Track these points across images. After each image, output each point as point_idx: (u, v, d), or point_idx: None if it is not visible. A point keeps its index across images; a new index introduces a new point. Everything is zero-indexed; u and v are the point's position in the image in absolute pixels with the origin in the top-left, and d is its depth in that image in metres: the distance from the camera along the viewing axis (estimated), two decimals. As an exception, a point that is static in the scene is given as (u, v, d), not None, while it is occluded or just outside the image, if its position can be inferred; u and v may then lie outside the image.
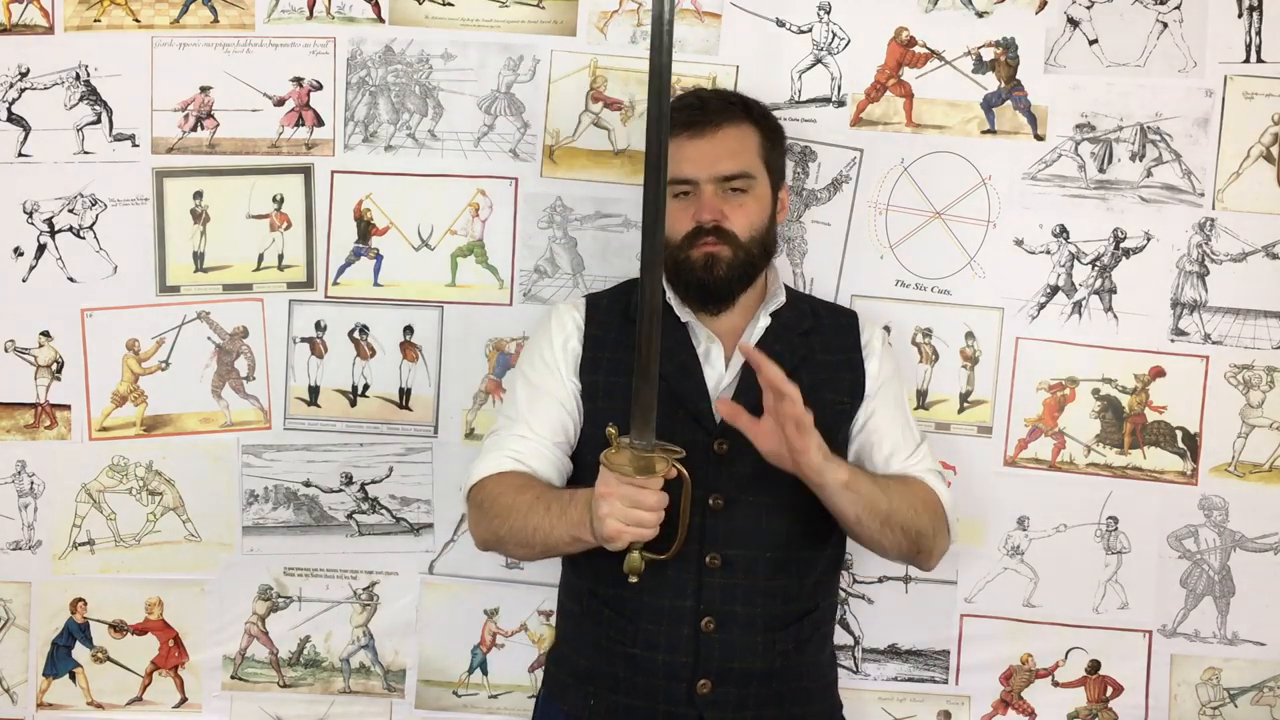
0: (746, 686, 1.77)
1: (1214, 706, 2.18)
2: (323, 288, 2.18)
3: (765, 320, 1.87)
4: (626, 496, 1.57)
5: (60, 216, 2.15)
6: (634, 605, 1.77)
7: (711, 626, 1.75)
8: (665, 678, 1.76)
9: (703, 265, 1.81)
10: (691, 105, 1.85)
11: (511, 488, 1.77)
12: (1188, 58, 2.11)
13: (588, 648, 1.84)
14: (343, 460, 2.20)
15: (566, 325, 1.88)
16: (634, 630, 1.78)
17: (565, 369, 1.85)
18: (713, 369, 1.84)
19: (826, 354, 1.88)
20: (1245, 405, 2.14)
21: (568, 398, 1.84)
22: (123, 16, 2.14)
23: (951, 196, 2.14)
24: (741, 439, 1.73)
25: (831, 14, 2.13)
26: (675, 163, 1.77)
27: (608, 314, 1.88)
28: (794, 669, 1.81)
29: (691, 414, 1.79)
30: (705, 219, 1.80)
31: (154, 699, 2.24)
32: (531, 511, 1.72)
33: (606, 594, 1.81)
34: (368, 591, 2.23)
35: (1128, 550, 2.16)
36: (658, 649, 1.76)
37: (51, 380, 2.17)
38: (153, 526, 2.20)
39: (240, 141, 2.16)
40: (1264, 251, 2.12)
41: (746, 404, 1.75)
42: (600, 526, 1.58)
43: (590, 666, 1.83)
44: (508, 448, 1.81)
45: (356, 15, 2.15)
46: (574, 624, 1.89)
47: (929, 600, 2.19)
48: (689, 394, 1.80)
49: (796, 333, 1.88)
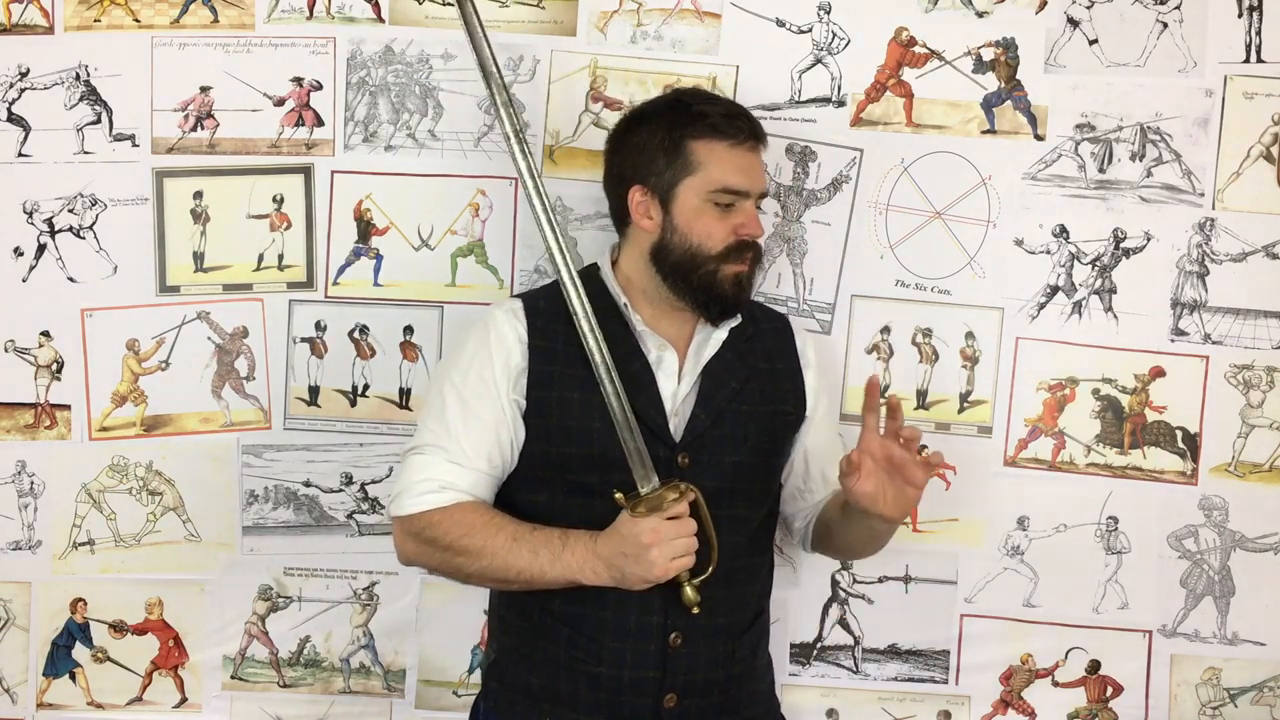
0: (708, 696, 1.77)
1: (1214, 706, 2.18)
2: (323, 288, 2.18)
3: (723, 333, 1.81)
4: (668, 534, 1.64)
5: (60, 216, 2.15)
6: (595, 622, 1.74)
7: (679, 641, 1.73)
8: (631, 694, 1.74)
9: (733, 283, 1.78)
10: (736, 115, 1.80)
11: (478, 527, 1.71)
12: (1188, 58, 2.11)
13: (540, 664, 1.78)
14: (343, 460, 2.20)
15: (507, 338, 1.77)
16: (597, 648, 1.74)
17: (505, 388, 1.75)
18: (667, 379, 1.78)
19: (768, 363, 1.87)
20: (1245, 405, 2.14)
21: (504, 424, 1.75)
22: (123, 16, 2.14)
23: (951, 196, 2.14)
24: (703, 453, 1.76)
25: (831, 14, 2.13)
26: (728, 170, 1.76)
27: (549, 319, 1.78)
28: (747, 674, 1.83)
29: (649, 429, 1.74)
30: (757, 233, 1.79)
31: (154, 699, 2.24)
32: (512, 554, 1.69)
33: (564, 611, 1.75)
34: (368, 591, 2.23)
35: (1128, 550, 2.16)
36: (623, 666, 1.73)
37: (51, 380, 2.17)
38: (153, 526, 2.20)
39: (240, 141, 2.16)
40: (1264, 251, 2.12)
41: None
42: (649, 571, 1.64)
43: (544, 684, 1.78)
44: (444, 477, 1.73)
45: (356, 15, 2.15)
46: (521, 639, 1.82)
47: (929, 600, 2.19)
48: (645, 409, 1.74)
49: (742, 340, 1.85)
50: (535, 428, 1.76)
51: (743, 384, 1.81)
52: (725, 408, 1.79)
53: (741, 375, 1.82)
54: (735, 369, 1.82)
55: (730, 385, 1.80)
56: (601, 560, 1.68)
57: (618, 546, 1.66)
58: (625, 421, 1.69)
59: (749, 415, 1.80)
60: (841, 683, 2.15)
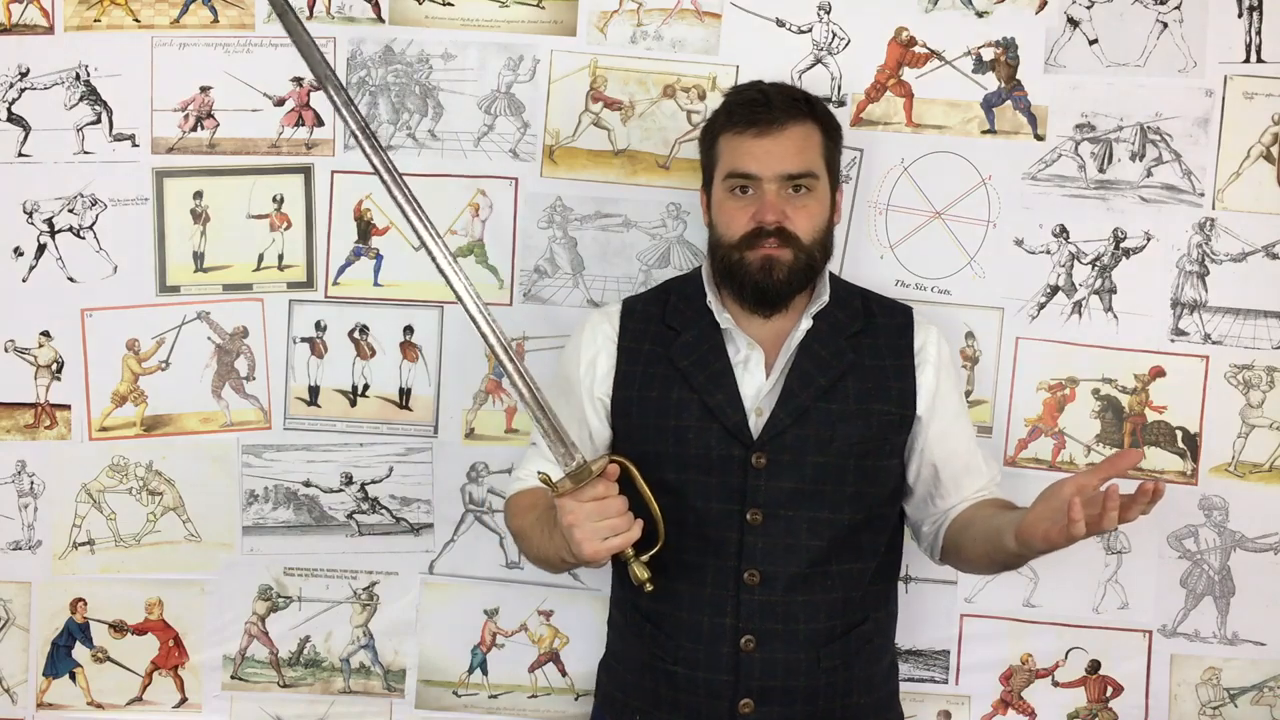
0: (791, 705, 1.72)
1: (1214, 706, 2.18)
2: (323, 288, 2.18)
3: (807, 324, 1.78)
4: (588, 514, 1.58)
5: (60, 216, 2.15)
6: (674, 622, 1.74)
7: (751, 644, 1.70)
8: (707, 696, 1.72)
9: (760, 268, 1.73)
10: (755, 101, 1.77)
11: (520, 509, 1.81)
12: (1188, 58, 2.11)
13: (633, 662, 1.82)
14: (343, 460, 2.20)
15: (598, 339, 1.83)
16: (674, 647, 1.74)
17: (591, 387, 1.81)
18: (751, 377, 1.77)
19: (876, 359, 1.79)
20: (1245, 405, 2.14)
21: (588, 420, 1.82)
22: (123, 16, 2.14)
23: (951, 196, 2.14)
24: (781, 452, 1.72)
25: (831, 14, 2.13)
26: (736, 157, 1.75)
27: (642, 321, 1.82)
28: (841, 685, 1.75)
29: (726, 428, 1.73)
30: (769, 219, 1.72)
31: (154, 699, 2.24)
32: (533, 532, 1.75)
33: (648, 609, 1.77)
34: (368, 591, 2.23)
35: (1128, 550, 2.16)
36: (698, 667, 1.72)
37: (51, 380, 2.17)
38: (153, 526, 2.20)
39: (240, 141, 2.16)
40: (1264, 251, 2.12)
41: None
42: (580, 551, 1.58)
43: (635, 681, 1.81)
44: (528, 467, 1.85)
45: (356, 15, 2.15)
46: (620, 637, 1.87)
47: (929, 600, 2.19)
48: (722, 407, 1.73)
49: (844, 336, 1.79)
50: (620, 427, 1.80)
51: (834, 382, 1.75)
52: (811, 406, 1.73)
53: (835, 373, 1.75)
54: (829, 366, 1.76)
55: (818, 383, 1.74)
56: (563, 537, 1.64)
57: (557, 529, 1.63)
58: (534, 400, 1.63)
59: (839, 415, 1.74)
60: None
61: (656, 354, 1.78)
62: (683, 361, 1.77)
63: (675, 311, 1.83)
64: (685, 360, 1.77)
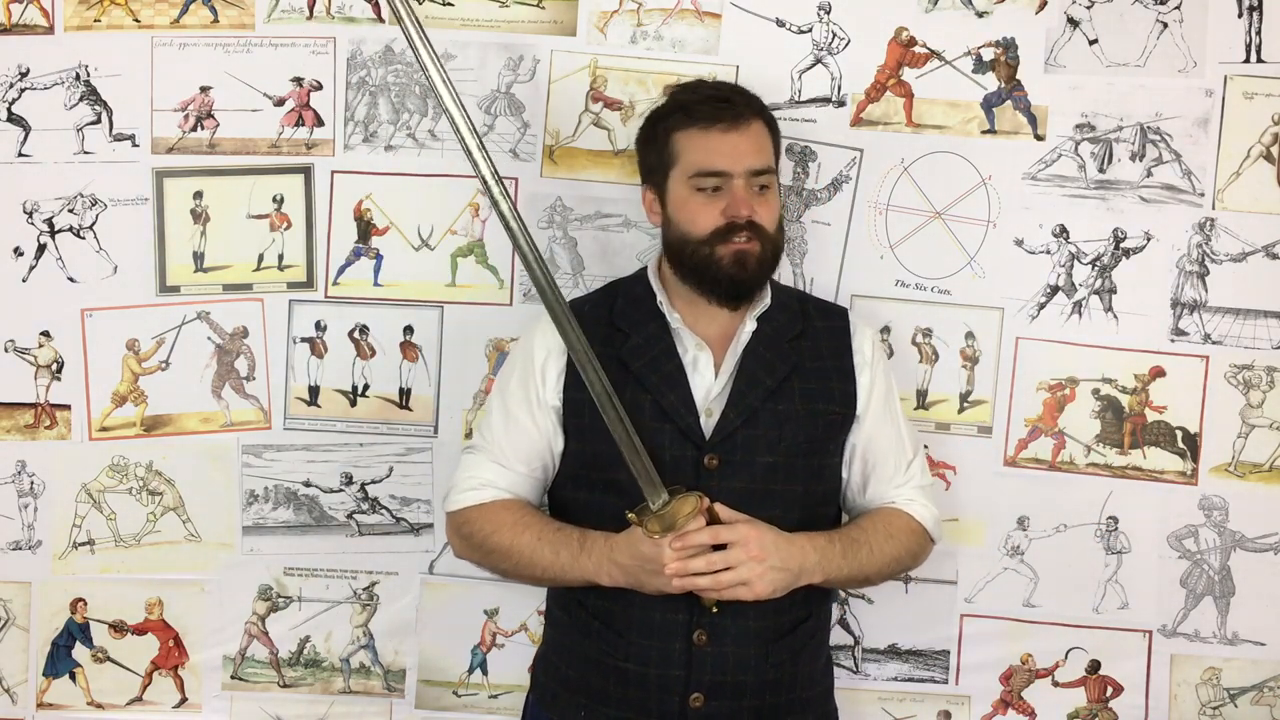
0: (740, 699, 1.76)
1: (1214, 706, 2.18)
2: (323, 288, 2.18)
3: (751, 325, 1.82)
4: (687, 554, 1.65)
5: (60, 216, 2.15)
6: (624, 619, 1.76)
7: (704, 639, 1.74)
8: (658, 691, 1.75)
9: (733, 262, 1.75)
10: (717, 98, 1.81)
11: (506, 525, 1.79)
12: (1188, 58, 2.11)
13: (576, 658, 1.83)
14: (343, 460, 2.20)
15: (549, 341, 1.83)
16: (625, 644, 1.76)
17: (543, 393, 1.82)
18: (701, 378, 1.80)
19: (817, 360, 1.85)
20: (1245, 405, 2.14)
21: (544, 427, 1.83)
22: (123, 16, 2.14)
23: (951, 196, 2.14)
24: (733, 452, 1.75)
25: (831, 14, 2.13)
26: (704, 154, 1.77)
27: (591, 323, 1.81)
28: (788, 680, 1.80)
29: (679, 428, 1.76)
30: (742, 214, 1.75)
31: (154, 699, 2.24)
32: (536, 554, 1.76)
33: (596, 606, 1.79)
34: (368, 591, 2.23)
35: (1128, 550, 2.16)
36: (649, 663, 1.75)
37: (51, 380, 2.17)
38: (153, 526, 2.20)
39: (240, 141, 2.16)
40: (1264, 251, 2.12)
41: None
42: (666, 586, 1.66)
43: (580, 677, 1.82)
44: (486, 476, 1.84)
45: (356, 15, 2.15)
46: (563, 632, 1.88)
47: (929, 600, 2.19)
48: (675, 408, 1.77)
49: (786, 339, 1.84)
50: (572, 428, 1.81)
51: (780, 382, 1.79)
52: (759, 407, 1.77)
53: (780, 373, 1.79)
54: (774, 367, 1.80)
55: (765, 384, 1.78)
56: (619, 568, 1.70)
57: (637, 561, 1.68)
58: (629, 442, 1.68)
59: (785, 415, 1.78)
60: (841, 682, 2.14)
61: (607, 355, 1.77)
62: (635, 363, 1.79)
63: (623, 313, 1.85)
64: (638, 362, 1.80)
